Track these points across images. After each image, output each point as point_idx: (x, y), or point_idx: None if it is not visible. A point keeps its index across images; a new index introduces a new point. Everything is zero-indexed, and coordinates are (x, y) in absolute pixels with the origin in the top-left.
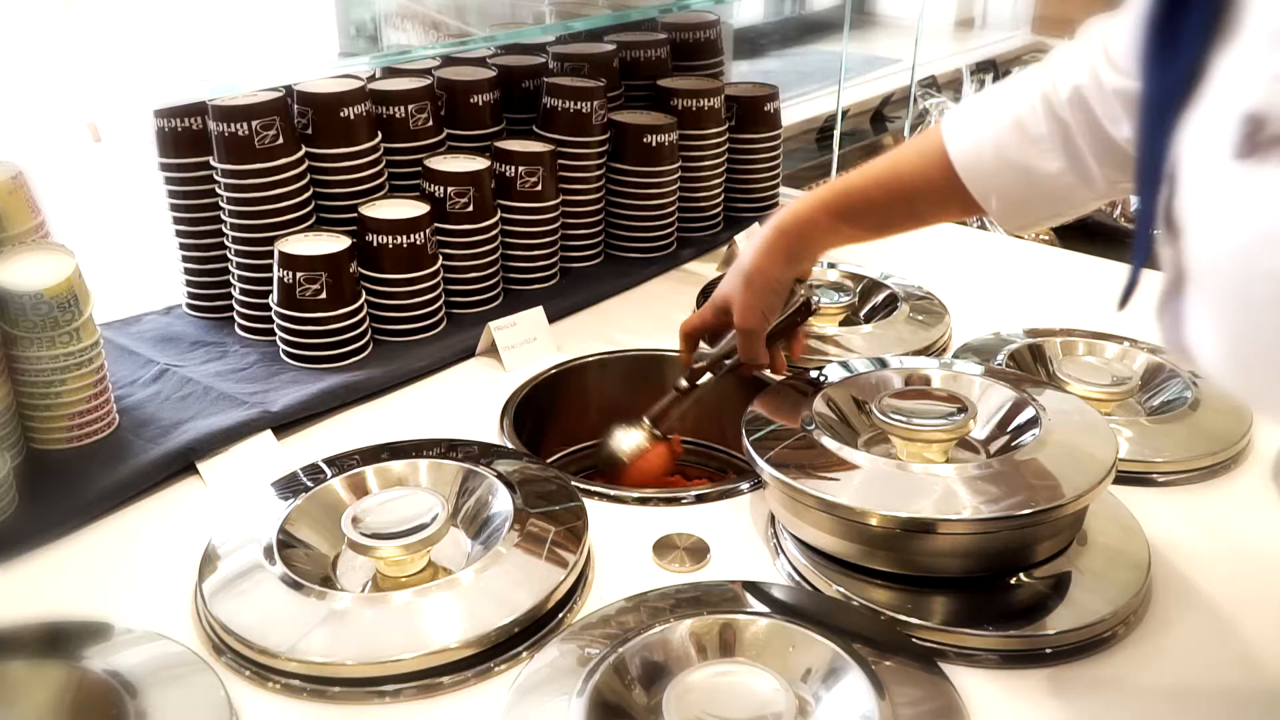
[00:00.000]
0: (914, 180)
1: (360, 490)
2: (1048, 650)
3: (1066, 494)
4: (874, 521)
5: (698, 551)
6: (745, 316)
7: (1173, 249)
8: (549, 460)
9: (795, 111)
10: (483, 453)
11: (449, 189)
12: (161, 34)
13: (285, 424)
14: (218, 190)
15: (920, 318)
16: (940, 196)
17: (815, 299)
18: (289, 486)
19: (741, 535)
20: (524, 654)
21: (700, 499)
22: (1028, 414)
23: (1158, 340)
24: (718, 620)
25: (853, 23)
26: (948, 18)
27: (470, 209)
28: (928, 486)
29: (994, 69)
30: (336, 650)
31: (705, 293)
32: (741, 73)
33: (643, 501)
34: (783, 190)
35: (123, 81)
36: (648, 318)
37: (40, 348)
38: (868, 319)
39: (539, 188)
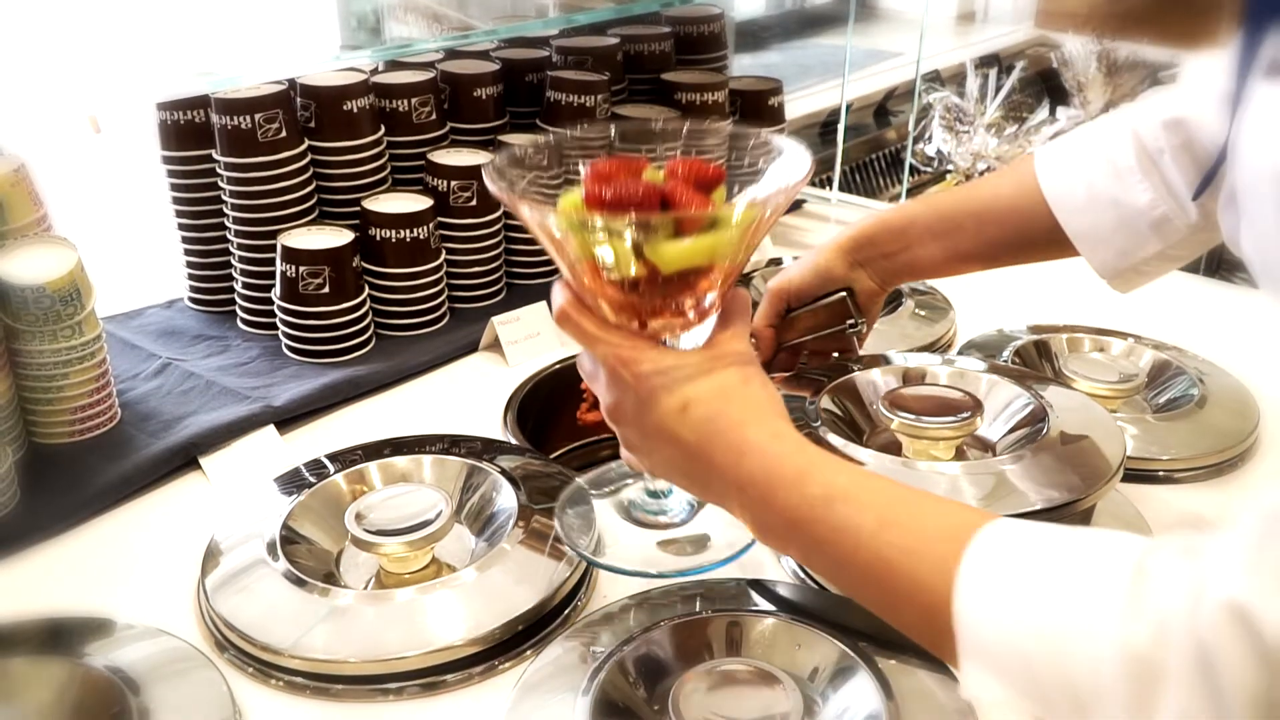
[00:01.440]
0: (1006, 212)
1: (364, 486)
2: None
3: (1074, 492)
4: None
5: (703, 548)
6: (779, 277)
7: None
8: (552, 456)
9: (797, 105)
10: (486, 448)
11: (452, 183)
12: (163, 26)
13: (288, 419)
14: (220, 183)
15: (924, 313)
16: (1032, 232)
17: (857, 325)
18: (292, 482)
19: (747, 532)
20: (528, 652)
21: None
22: (1034, 411)
23: (1154, 336)
24: (723, 618)
25: (855, 16)
26: (949, 11)
27: (473, 203)
28: (934, 484)
29: (998, 63)
30: (340, 647)
31: None
32: (743, 66)
33: None
34: None
35: (125, 75)
36: None
37: (42, 341)
38: None
39: None
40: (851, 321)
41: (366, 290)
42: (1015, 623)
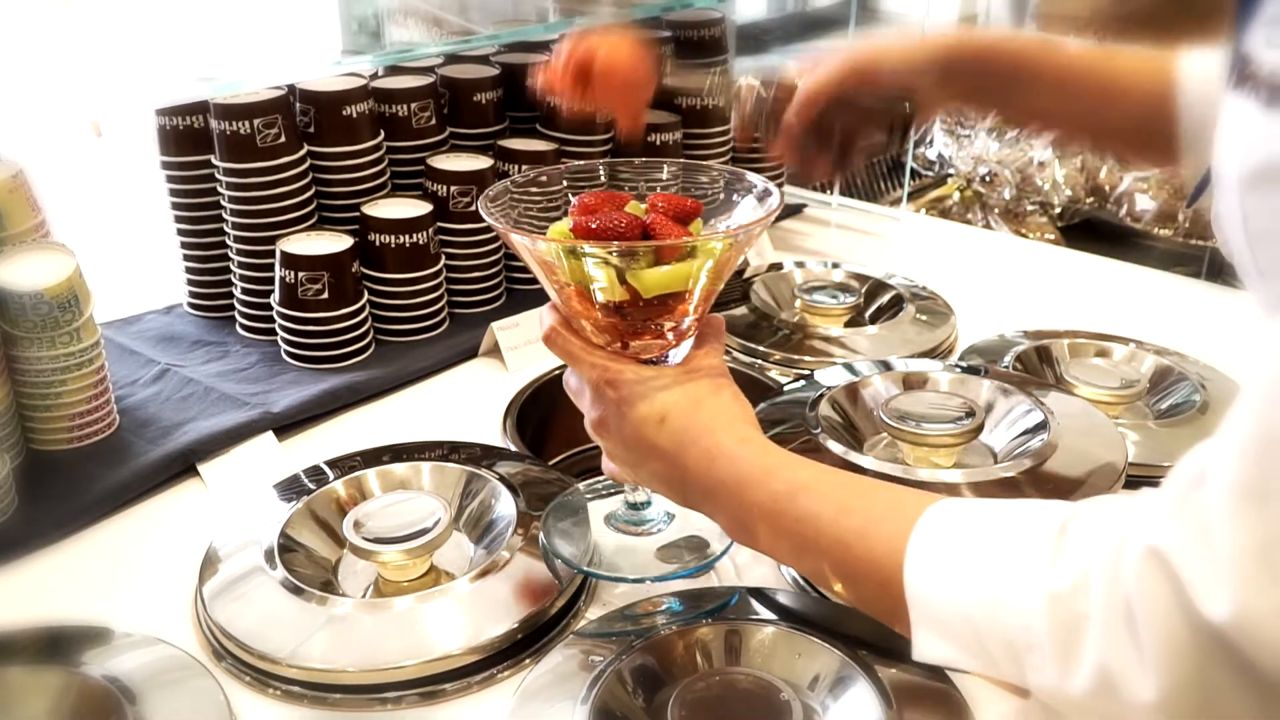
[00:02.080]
0: (1135, 104)
1: (362, 493)
2: None
3: (1076, 499)
4: None
5: (702, 556)
6: (860, 50)
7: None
8: (551, 462)
9: None
10: (485, 455)
11: (452, 188)
12: (164, 31)
13: (287, 425)
14: (219, 189)
15: (925, 318)
16: (1152, 131)
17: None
18: (290, 489)
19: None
20: (527, 660)
21: None
22: (1035, 418)
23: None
24: (723, 627)
25: (856, 19)
26: (950, 14)
27: (473, 208)
28: (935, 493)
29: None
30: (337, 656)
31: None
32: (745, 69)
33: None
34: (788, 189)
35: (125, 80)
36: None
37: (40, 348)
38: (873, 320)
39: None
40: (905, 108)
41: (366, 296)
42: (958, 588)
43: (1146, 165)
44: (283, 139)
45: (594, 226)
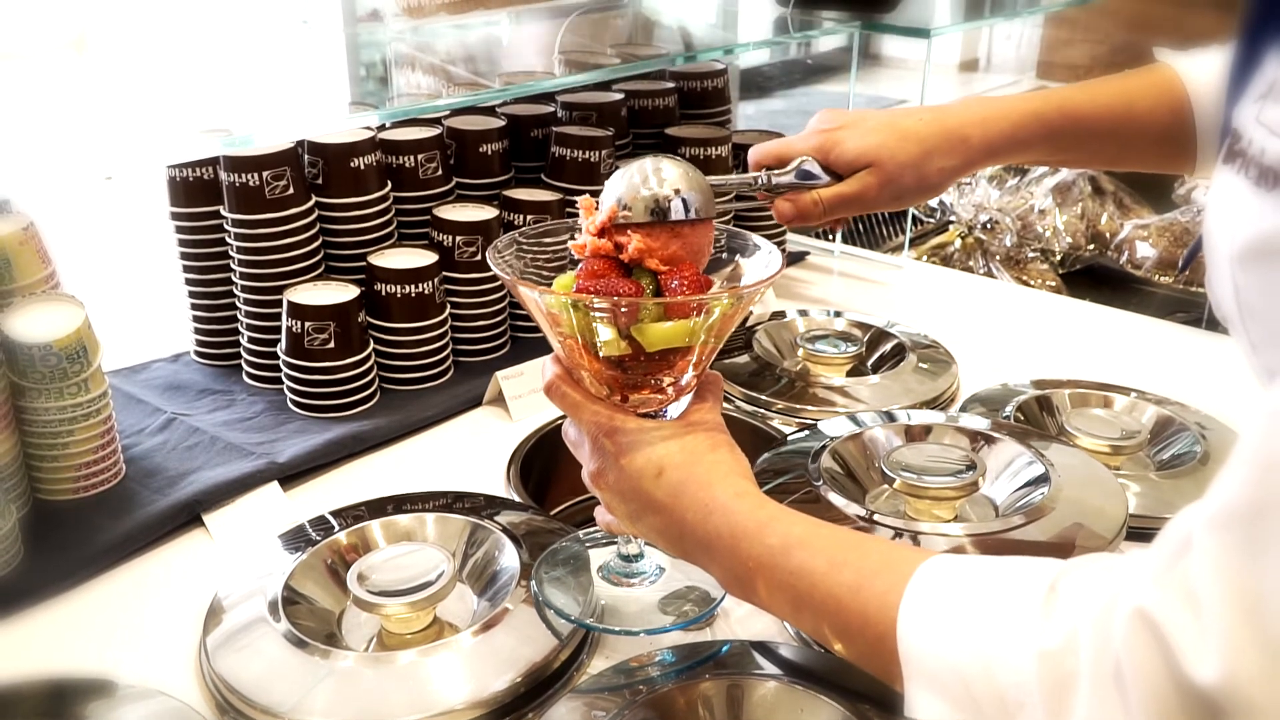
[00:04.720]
0: (1145, 121)
1: (366, 544)
2: None
3: (1076, 554)
4: None
5: (697, 608)
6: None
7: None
8: (554, 511)
9: None
10: (488, 505)
11: (457, 238)
12: (176, 86)
13: (292, 474)
14: (228, 239)
15: (927, 367)
16: (1164, 141)
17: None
18: (295, 539)
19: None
20: (530, 714)
21: None
22: (1036, 470)
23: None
24: (724, 682)
25: (858, 64)
26: (952, 59)
27: (478, 258)
28: (935, 547)
29: None
30: (339, 711)
31: None
32: (747, 115)
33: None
34: (790, 238)
35: (138, 136)
36: None
37: (48, 398)
38: (875, 369)
39: None
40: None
41: (371, 345)
42: (950, 645)
43: (1166, 171)
44: (291, 190)
45: (599, 284)
